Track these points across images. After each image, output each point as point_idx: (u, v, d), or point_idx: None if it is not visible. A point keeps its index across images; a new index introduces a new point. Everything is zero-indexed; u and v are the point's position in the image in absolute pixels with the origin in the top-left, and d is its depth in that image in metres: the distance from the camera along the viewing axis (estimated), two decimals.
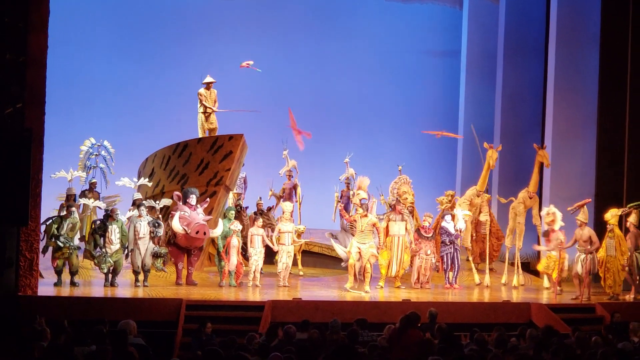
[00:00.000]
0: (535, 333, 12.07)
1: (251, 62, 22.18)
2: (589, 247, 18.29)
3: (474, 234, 20.60)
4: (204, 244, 19.03)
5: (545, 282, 19.77)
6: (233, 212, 19.02)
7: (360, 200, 19.19)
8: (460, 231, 19.41)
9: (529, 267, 22.10)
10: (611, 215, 18.62)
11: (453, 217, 19.52)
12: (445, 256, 19.26)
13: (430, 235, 19.10)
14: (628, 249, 18.39)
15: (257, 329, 14.21)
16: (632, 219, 18.57)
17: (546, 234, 19.12)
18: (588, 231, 18.50)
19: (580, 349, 11.00)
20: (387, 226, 18.97)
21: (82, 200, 19.58)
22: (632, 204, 18.88)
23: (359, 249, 18.11)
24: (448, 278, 19.27)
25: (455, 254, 19.21)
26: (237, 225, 18.39)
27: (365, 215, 18.30)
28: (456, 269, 19.32)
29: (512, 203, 20.45)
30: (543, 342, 11.20)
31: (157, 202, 18.86)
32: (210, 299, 16.49)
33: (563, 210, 19.46)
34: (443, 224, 19.48)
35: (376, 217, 18.82)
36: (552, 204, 19.36)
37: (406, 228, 18.96)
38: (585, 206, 18.77)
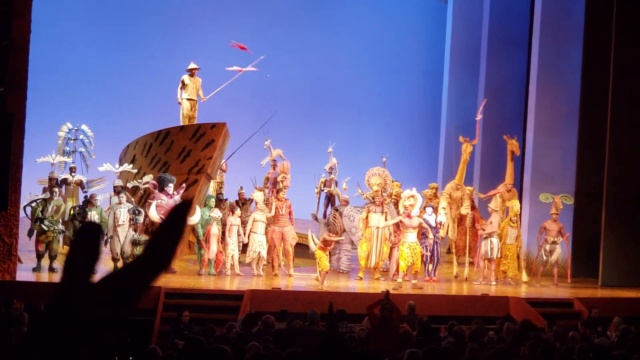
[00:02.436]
0: (513, 327, 12.12)
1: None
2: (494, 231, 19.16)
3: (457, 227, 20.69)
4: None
5: (524, 276, 19.88)
6: (213, 200, 19.01)
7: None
8: (441, 224, 19.46)
9: None
10: (515, 205, 19.40)
11: (434, 209, 19.60)
12: (424, 248, 19.29)
13: None
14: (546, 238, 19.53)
15: (236, 318, 14.20)
16: (553, 210, 19.51)
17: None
18: (500, 218, 19.33)
19: (558, 344, 11.05)
20: (367, 217, 19.01)
21: (66, 176, 19.43)
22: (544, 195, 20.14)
23: (282, 233, 18.89)
24: (427, 270, 19.31)
25: (435, 246, 19.23)
26: (217, 213, 18.36)
27: (285, 200, 19.19)
28: (435, 262, 19.37)
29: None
30: (520, 336, 11.24)
31: (139, 180, 18.83)
32: (189, 287, 16.48)
33: (535, 200, 20.05)
34: (424, 216, 19.53)
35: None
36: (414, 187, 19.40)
37: (386, 219, 18.99)
38: (496, 195, 19.73)
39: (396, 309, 12.07)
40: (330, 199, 22.82)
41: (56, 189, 18.11)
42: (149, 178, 19.77)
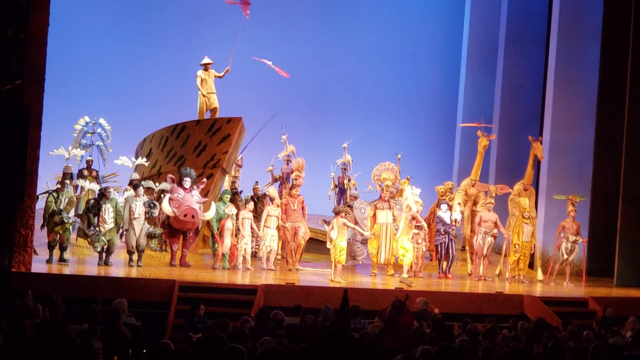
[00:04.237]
0: (527, 325, 12.09)
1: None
2: (495, 230, 19.23)
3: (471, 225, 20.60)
4: (200, 227, 18.99)
5: (539, 275, 19.84)
6: (228, 195, 19.01)
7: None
8: (456, 221, 19.41)
9: None
10: (523, 201, 19.47)
11: (449, 207, 19.54)
12: (439, 245, 19.27)
13: (419, 224, 19.03)
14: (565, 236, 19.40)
15: (250, 312, 14.21)
16: (570, 207, 19.55)
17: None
18: (494, 215, 19.35)
19: (572, 343, 11.02)
20: (374, 214, 18.99)
21: (79, 182, 19.49)
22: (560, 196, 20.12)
23: (295, 229, 18.76)
24: (442, 267, 19.28)
25: (450, 243, 19.19)
26: (232, 209, 18.40)
27: (298, 195, 19.00)
28: (450, 259, 19.32)
29: (509, 195, 20.55)
30: (534, 334, 11.21)
31: (157, 184, 18.90)
32: (204, 281, 16.49)
33: (551, 198, 20.18)
34: (439, 213, 19.47)
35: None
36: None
37: (393, 215, 18.96)
38: (490, 190, 20.15)
39: (407, 308, 12.01)
40: (342, 195, 22.80)
41: (67, 181, 18.10)
42: (142, 161, 19.78)
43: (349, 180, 22.87)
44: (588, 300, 17.18)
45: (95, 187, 19.69)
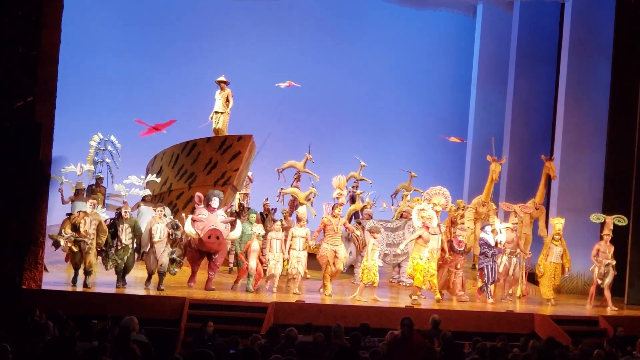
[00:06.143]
0: (538, 344, 12.04)
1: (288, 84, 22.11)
2: (518, 250, 18.87)
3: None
4: (227, 248, 18.44)
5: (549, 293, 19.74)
6: (254, 215, 18.69)
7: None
8: (500, 243, 18.53)
9: (534, 277, 22.00)
10: (560, 223, 19.17)
11: (493, 229, 18.65)
12: (485, 268, 18.44)
13: (462, 249, 18.34)
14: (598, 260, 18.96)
15: (260, 330, 14.18)
16: (606, 230, 19.11)
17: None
18: (517, 235, 19.02)
19: None
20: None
21: (84, 206, 19.26)
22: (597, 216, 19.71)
23: (335, 252, 17.76)
24: (490, 291, 18.47)
25: (494, 265, 18.40)
26: (259, 229, 17.63)
27: (340, 216, 17.96)
28: (491, 281, 18.51)
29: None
30: (545, 353, 11.17)
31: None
32: (214, 298, 16.45)
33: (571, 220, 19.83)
34: (482, 234, 18.60)
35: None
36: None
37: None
38: (515, 211, 19.88)
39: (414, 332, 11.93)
40: (354, 213, 22.75)
41: (90, 203, 17.54)
42: (152, 178, 19.68)
43: (362, 200, 22.73)
44: (599, 319, 17.13)
45: (102, 216, 19.27)
